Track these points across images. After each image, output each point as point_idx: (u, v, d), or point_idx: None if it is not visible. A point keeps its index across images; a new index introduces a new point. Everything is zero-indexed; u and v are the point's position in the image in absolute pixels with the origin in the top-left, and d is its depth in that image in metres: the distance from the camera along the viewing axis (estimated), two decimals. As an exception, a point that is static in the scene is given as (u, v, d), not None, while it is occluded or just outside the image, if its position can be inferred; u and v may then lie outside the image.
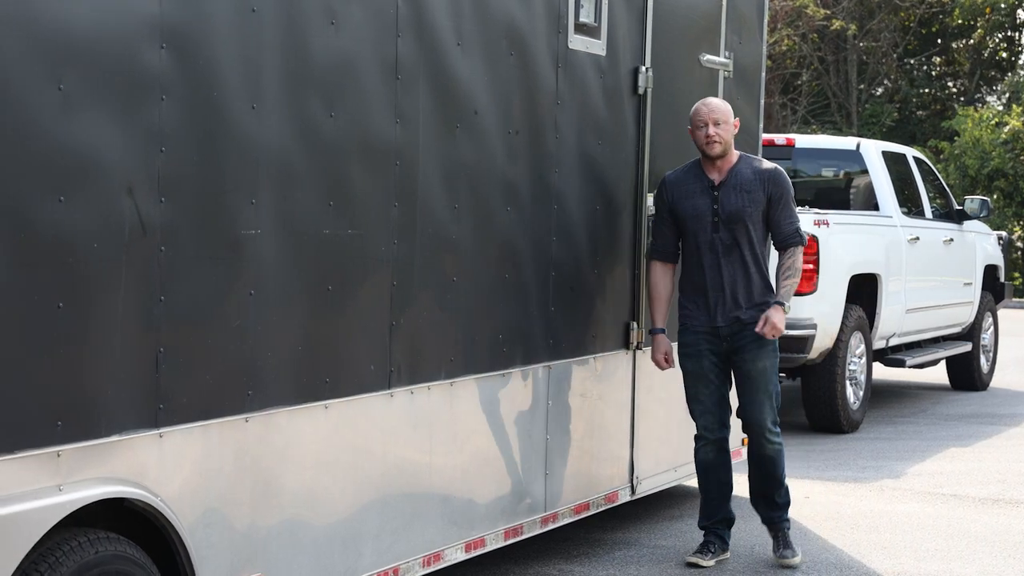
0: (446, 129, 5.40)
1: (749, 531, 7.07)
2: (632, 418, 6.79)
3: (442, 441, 5.45)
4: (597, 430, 6.56)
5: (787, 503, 6.68)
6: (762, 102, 7.88)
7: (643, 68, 6.66)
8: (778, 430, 6.50)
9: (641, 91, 6.67)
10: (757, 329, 6.25)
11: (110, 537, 3.98)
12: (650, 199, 6.71)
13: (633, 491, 6.84)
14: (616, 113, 6.53)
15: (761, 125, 7.89)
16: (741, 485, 6.90)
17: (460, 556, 5.57)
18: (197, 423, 4.29)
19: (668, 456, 7.11)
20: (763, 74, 7.87)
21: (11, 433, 3.69)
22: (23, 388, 3.72)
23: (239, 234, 4.43)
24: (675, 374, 7.07)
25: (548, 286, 6.10)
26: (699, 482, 6.63)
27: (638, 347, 6.76)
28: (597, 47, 6.32)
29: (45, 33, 3.73)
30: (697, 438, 6.53)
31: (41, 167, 3.74)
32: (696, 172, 6.42)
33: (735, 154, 6.44)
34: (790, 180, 6.47)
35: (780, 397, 6.50)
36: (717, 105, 6.39)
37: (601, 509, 6.67)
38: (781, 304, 6.31)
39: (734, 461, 6.86)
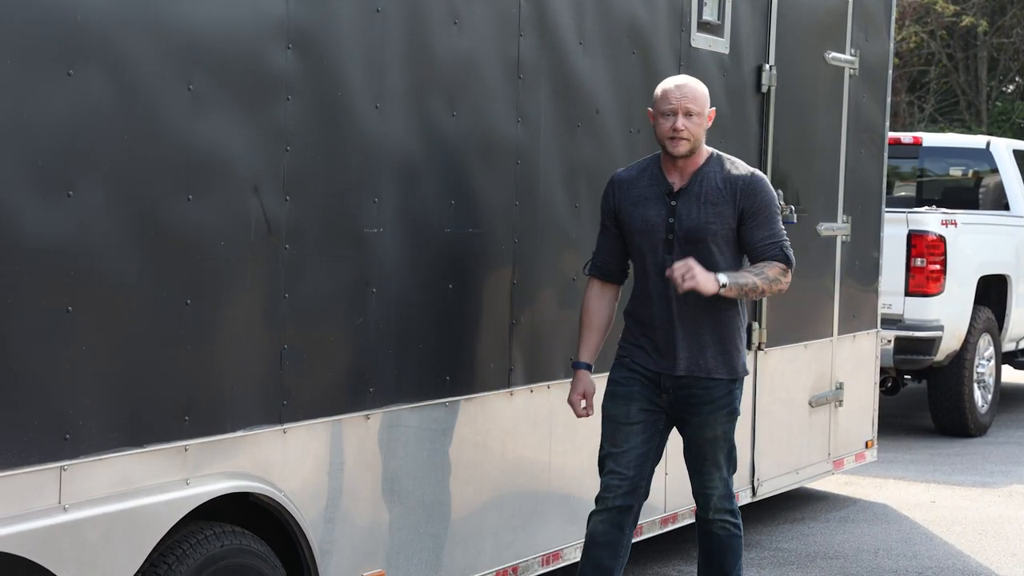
0: (567, 128, 5.40)
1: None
2: (753, 419, 6.71)
3: (561, 440, 5.45)
4: (718, 431, 6.49)
5: None
6: (888, 100, 7.77)
7: (767, 66, 6.59)
8: (733, 508, 4.97)
9: (765, 89, 6.60)
10: (668, 272, 4.67)
11: (235, 531, 4.04)
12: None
13: (754, 493, 6.77)
14: (739, 111, 6.47)
15: (887, 123, 7.78)
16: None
17: (579, 556, 5.56)
18: (320, 419, 4.34)
19: (790, 458, 7.03)
20: (890, 72, 7.76)
21: (140, 428, 3.77)
22: (152, 384, 3.80)
23: (362, 232, 4.47)
24: (796, 373, 6.99)
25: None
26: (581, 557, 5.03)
27: (759, 348, 6.69)
28: (720, 45, 6.27)
29: (175, 35, 3.80)
30: (596, 500, 4.93)
31: (171, 166, 3.81)
32: (653, 172, 4.88)
33: (705, 152, 4.87)
34: (773, 191, 4.90)
35: (736, 464, 4.99)
36: (692, 90, 4.81)
37: (721, 511, 6.60)
38: (719, 278, 4.67)
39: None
